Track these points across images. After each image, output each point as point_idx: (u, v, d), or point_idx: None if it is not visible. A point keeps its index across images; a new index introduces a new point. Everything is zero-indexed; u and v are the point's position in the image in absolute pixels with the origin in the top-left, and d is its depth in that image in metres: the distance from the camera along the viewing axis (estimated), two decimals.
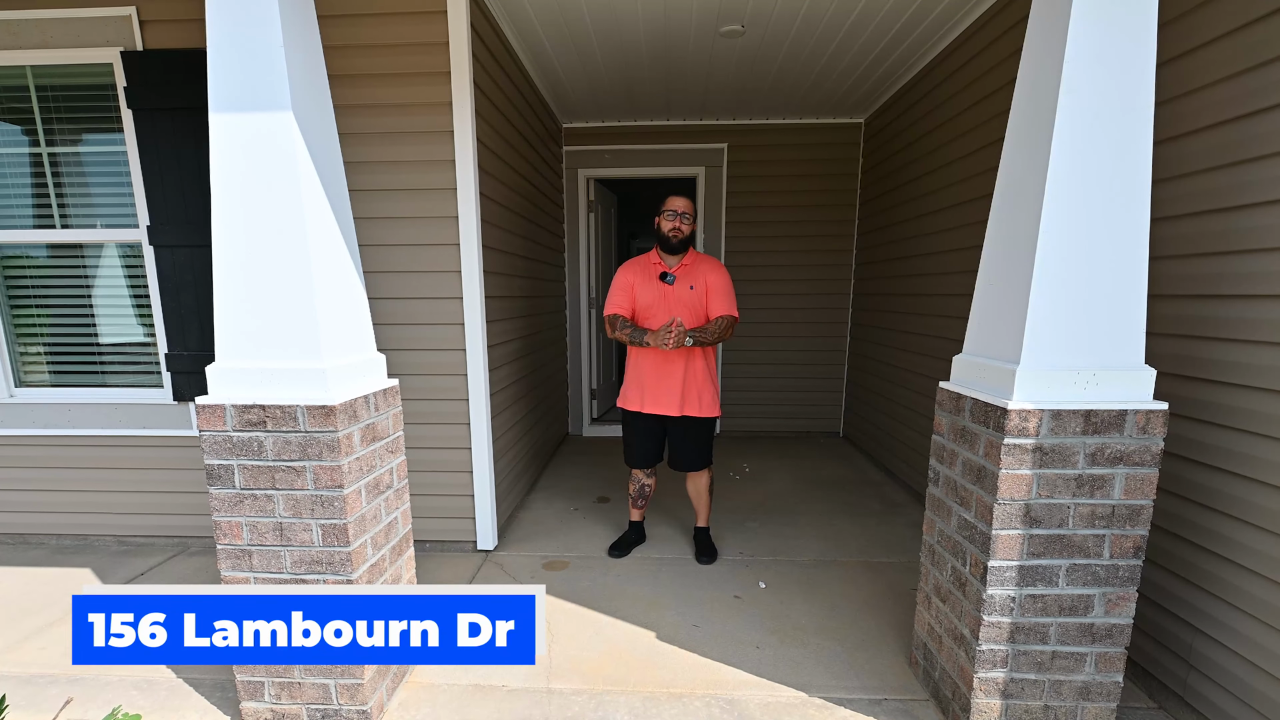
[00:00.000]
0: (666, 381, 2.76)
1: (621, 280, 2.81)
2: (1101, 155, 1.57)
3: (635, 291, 2.79)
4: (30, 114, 2.84)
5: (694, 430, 2.85)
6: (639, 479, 3.05)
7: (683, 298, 2.75)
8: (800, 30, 3.28)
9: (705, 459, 2.91)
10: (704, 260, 2.82)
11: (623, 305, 2.78)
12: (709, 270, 2.78)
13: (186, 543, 3.19)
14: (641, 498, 3.09)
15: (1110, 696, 1.77)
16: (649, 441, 2.91)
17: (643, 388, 2.82)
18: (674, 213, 2.70)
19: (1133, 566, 1.69)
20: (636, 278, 2.80)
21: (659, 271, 2.78)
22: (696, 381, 2.79)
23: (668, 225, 2.71)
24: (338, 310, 1.78)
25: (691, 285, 2.75)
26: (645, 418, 2.85)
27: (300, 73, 1.68)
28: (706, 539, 3.08)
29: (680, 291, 2.75)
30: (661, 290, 2.76)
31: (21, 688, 2.07)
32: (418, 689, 2.06)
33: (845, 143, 4.91)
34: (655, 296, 2.76)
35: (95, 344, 3.09)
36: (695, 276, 2.77)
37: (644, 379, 2.81)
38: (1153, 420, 1.61)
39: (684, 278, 2.77)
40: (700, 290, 2.76)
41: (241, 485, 1.73)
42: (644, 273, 2.81)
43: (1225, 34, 1.77)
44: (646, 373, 2.80)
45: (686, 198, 2.75)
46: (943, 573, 1.95)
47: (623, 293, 2.79)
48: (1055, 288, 1.61)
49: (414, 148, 2.71)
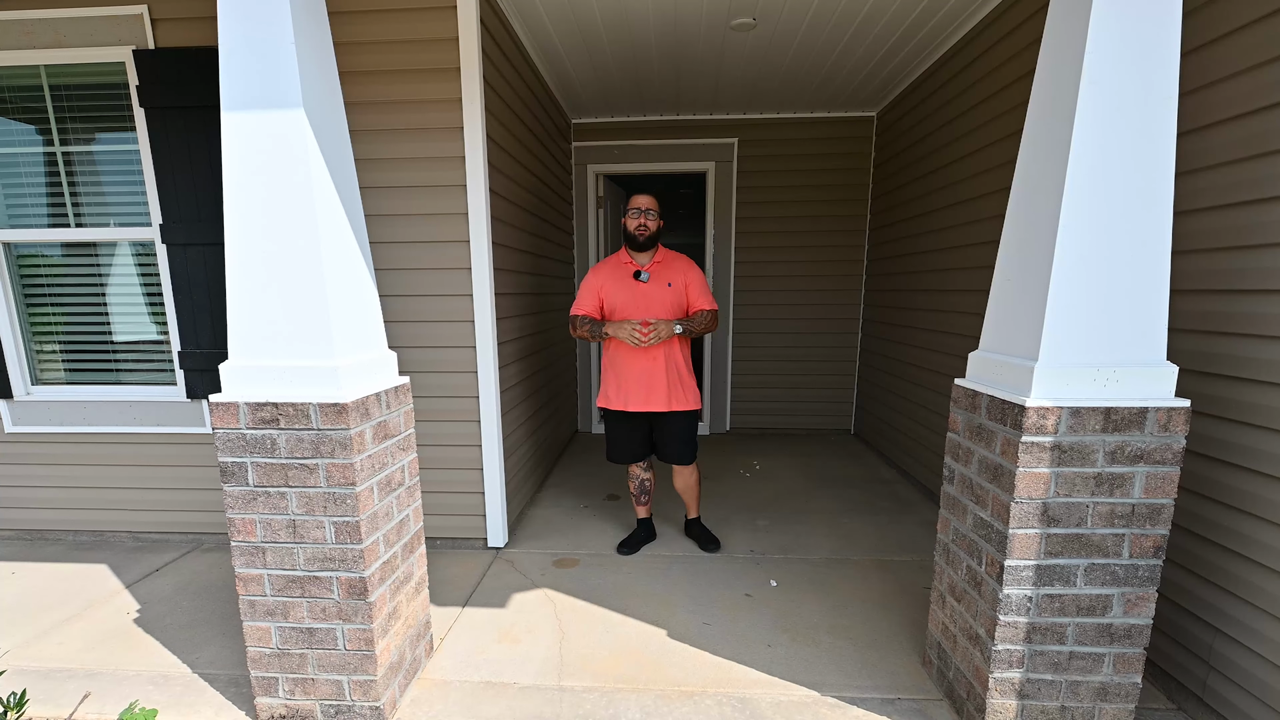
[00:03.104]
0: (649, 379, 2.77)
1: (590, 283, 2.83)
2: (1123, 147, 1.54)
3: (605, 292, 2.80)
4: (44, 113, 2.86)
5: (680, 424, 2.87)
6: (637, 475, 3.06)
7: (662, 296, 2.76)
8: (812, 23, 3.24)
9: (693, 451, 2.94)
10: (677, 258, 2.85)
11: (589, 307, 2.80)
12: (686, 268, 2.82)
13: (201, 539, 3.22)
14: (644, 494, 3.10)
15: (1128, 697, 1.75)
16: (635, 436, 2.92)
17: (623, 387, 2.81)
18: (638, 210, 2.72)
19: (1152, 566, 1.66)
20: (605, 279, 2.80)
21: (632, 270, 2.78)
22: (680, 376, 2.81)
23: (633, 223, 2.73)
24: (349, 308, 1.78)
25: (670, 283, 2.78)
26: (628, 415, 2.86)
27: (311, 70, 1.68)
28: (704, 528, 3.13)
29: (658, 289, 2.77)
30: (636, 289, 2.77)
31: (40, 682, 2.09)
32: (430, 686, 2.07)
33: (857, 137, 4.86)
34: (629, 296, 2.76)
35: (109, 342, 3.11)
36: (673, 274, 2.79)
37: (624, 378, 2.80)
38: (1174, 418, 1.58)
39: (659, 275, 2.78)
40: (680, 287, 2.78)
41: (255, 483, 1.74)
42: (614, 273, 2.80)
43: (1249, 23, 1.73)
44: (626, 371, 2.79)
45: (651, 195, 2.77)
46: (957, 572, 1.93)
47: (590, 295, 2.80)
48: (1075, 283, 1.58)
49: (424, 144, 2.71)
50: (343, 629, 1.81)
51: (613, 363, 2.84)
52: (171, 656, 2.23)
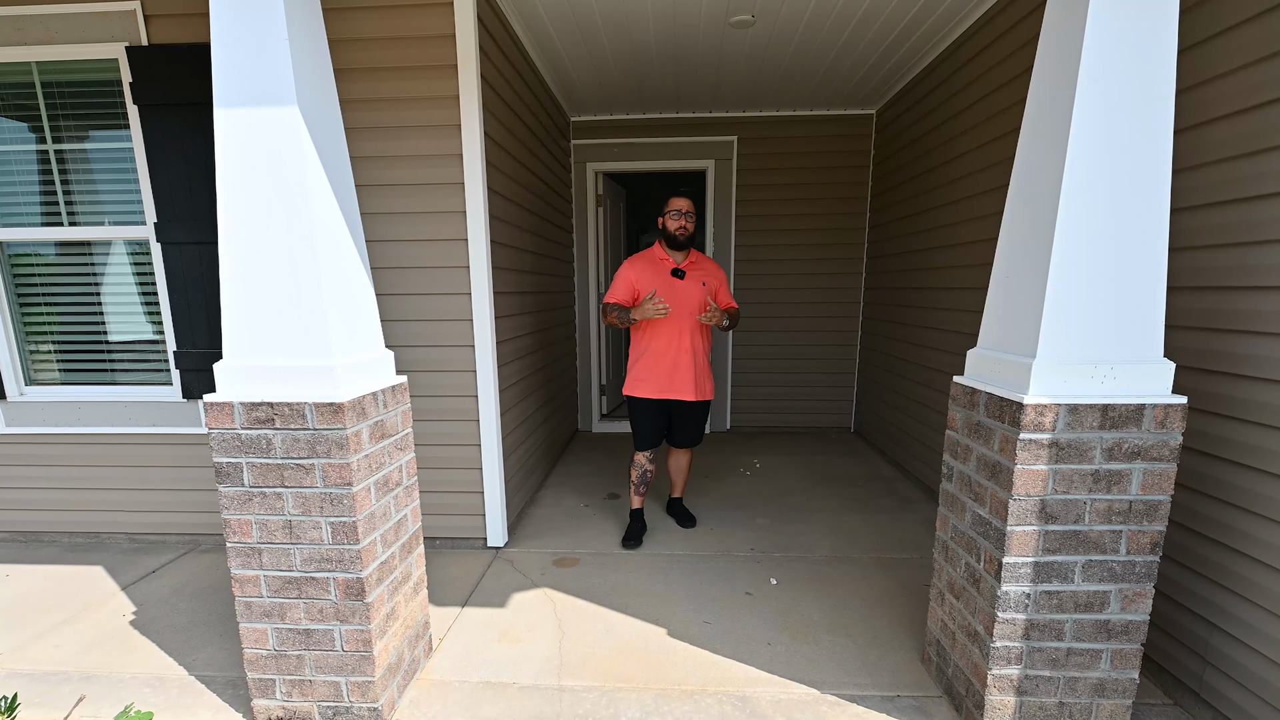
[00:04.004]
0: (680, 370, 2.97)
1: (625, 274, 2.96)
2: (1121, 144, 1.54)
3: (641, 285, 2.93)
4: (37, 111, 2.84)
5: (701, 411, 3.13)
6: (642, 464, 3.16)
7: (697, 293, 2.95)
8: (811, 19, 3.23)
9: (702, 437, 3.26)
10: (706, 259, 3.08)
11: (622, 297, 2.94)
12: (715, 269, 3.07)
13: (198, 540, 3.20)
14: (644, 484, 3.21)
15: (1126, 693, 1.75)
16: (659, 423, 3.09)
17: (662, 376, 2.97)
18: (679, 212, 2.90)
19: (1150, 563, 1.66)
20: (641, 273, 2.94)
21: (670, 268, 2.95)
22: (706, 367, 3.06)
23: (674, 224, 2.90)
24: (346, 307, 1.77)
25: (704, 282, 2.98)
26: (654, 402, 3.02)
27: (305, 66, 1.67)
28: (684, 508, 3.41)
29: (692, 287, 2.95)
30: (673, 284, 2.93)
31: (35, 685, 2.08)
32: (429, 686, 2.06)
33: (856, 135, 4.86)
34: (666, 291, 2.91)
35: (104, 342, 3.10)
36: (706, 274, 3.01)
37: (657, 367, 2.97)
38: (1171, 415, 1.58)
39: (693, 274, 2.98)
40: (711, 288, 3.00)
41: (251, 483, 1.73)
42: (650, 268, 2.95)
43: (1246, 19, 1.73)
44: (659, 361, 2.96)
45: (688, 198, 2.94)
46: (956, 569, 1.93)
47: (625, 286, 2.94)
48: (1073, 280, 1.58)
49: (421, 142, 2.69)
50: (340, 630, 1.80)
51: (646, 353, 2.99)
52: (168, 659, 2.22)
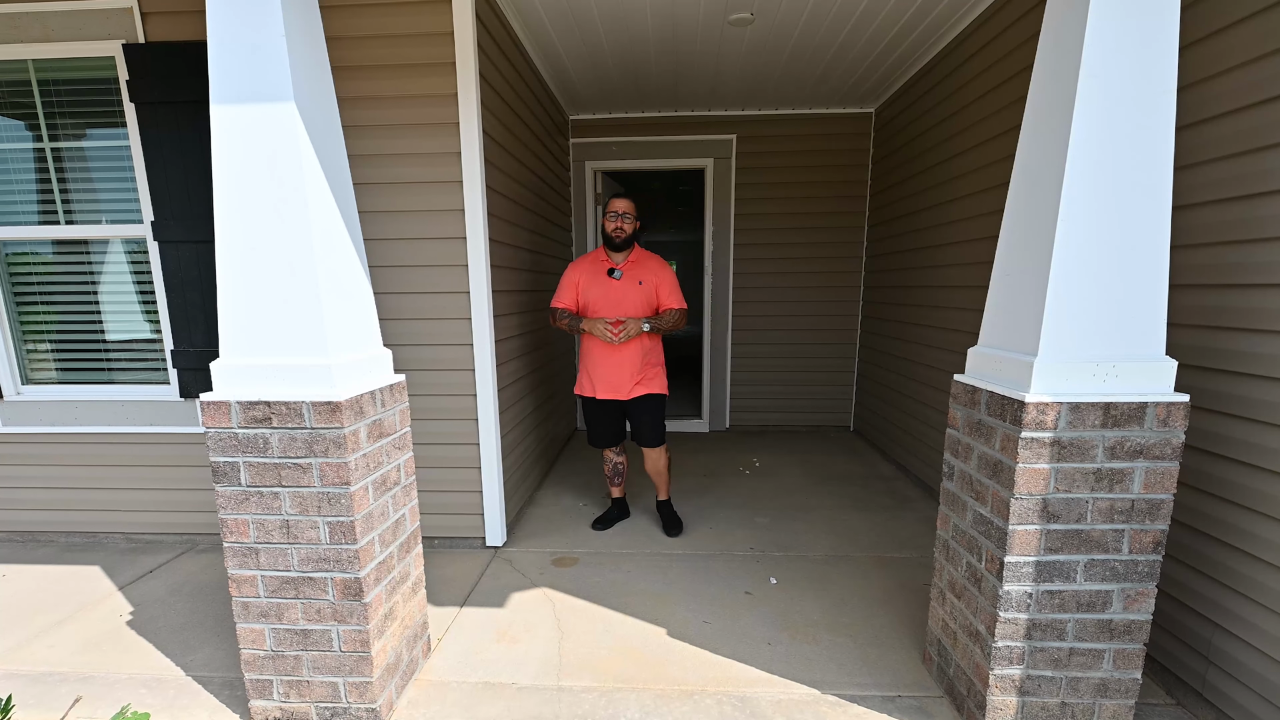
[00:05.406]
0: (618, 369, 2.97)
1: (569, 277, 3.01)
2: (1122, 141, 1.53)
3: (581, 287, 2.98)
4: (33, 108, 2.83)
5: (648, 407, 3.05)
6: (610, 459, 3.28)
7: (632, 293, 2.95)
8: (810, 17, 3.22)
9: (661, 434, 3.13)
10: (649, 257, 3.04)
11: (566, 300, 3.00)
12: (658, 267, 3.01)
13: (195, 540, 3.19)
14: (617, 475, 3.31)
15: (1128, 693, 1.74)
16: (607, 421, 3.11)
17: (593, 376, 3.02)
18: (616, 213, 2.92)
19: (1152, 562, 1.66)
20: (582, 275, 2.99)
21: (606, 268, 2.97)
22: (647, 365, 3.01)
23: (611, 225, 2.92)
24: (343, 305, 1.76)
25: (641, 281, 2.96)
26: (601, 402, 3.06)
27: (303, 64, 1.66)
28: (670, 511, 3.30)
29: (629, 287, 2.95)
30: (609, 285, 2.95)
31: (31, 686, 2.07)
32: (427, 687, 2.05)
33: (855, 133, 4.85)
34: (602, 291, 2.95)
35: (101, 341, 3.08)
36: (644, 273, 2.97)
37: (594, 368, 3.01)
38: (1173, 413, 1.58)
39: (631, 273, 2.96)
40: (650, 285, 2.97)
41: (248, 483, 1.71)
42: (591, 269, 2.99)
43: (1247, 16, 1.72)
44: (597, 362, 3.00)
45: (629, 199, 2.96)
46: (957, 568, 1.92)
47: (569, 289, 3.00)
48: (1074, 277, 1.57)
49: (420, 140, 2.68)
50: (338, 630, 1.79)
51: (588, 354, 3.03)
52: (165, 659, 2.21)
